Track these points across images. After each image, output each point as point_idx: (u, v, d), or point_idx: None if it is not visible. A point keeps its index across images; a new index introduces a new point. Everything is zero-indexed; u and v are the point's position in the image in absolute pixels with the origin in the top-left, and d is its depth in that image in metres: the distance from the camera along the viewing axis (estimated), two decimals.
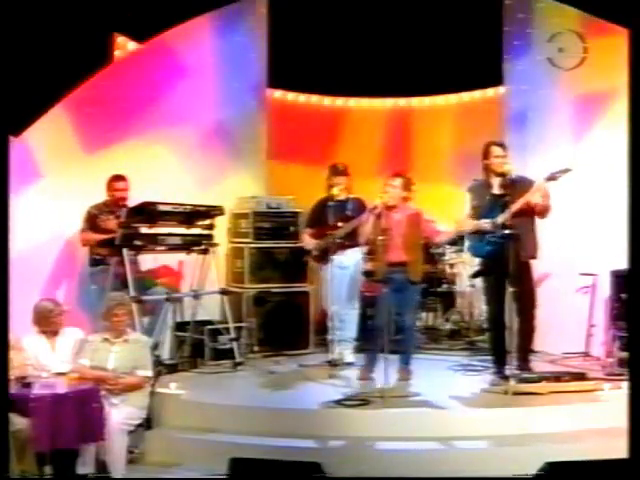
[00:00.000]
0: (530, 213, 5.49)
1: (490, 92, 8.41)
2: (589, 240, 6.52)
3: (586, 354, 6.50)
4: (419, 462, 4.63)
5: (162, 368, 5.74)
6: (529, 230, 5.52)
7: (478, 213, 5.61)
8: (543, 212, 5.51)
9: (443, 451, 4.70)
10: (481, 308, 7.55)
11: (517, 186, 5.46)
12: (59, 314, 5.20)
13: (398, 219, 5.73)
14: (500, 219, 5.42)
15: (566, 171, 5.37)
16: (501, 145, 5.69)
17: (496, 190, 5.58)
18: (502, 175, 5.52)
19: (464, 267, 7.72)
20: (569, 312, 6.60)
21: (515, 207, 5.37)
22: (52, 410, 4.51)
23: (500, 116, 7.62)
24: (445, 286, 7.79)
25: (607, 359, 6.11)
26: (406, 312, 5.77)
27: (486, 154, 5.67)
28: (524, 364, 5.55)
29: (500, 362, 5.63)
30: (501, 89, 7.86)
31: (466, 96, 8.62)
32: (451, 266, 7.81)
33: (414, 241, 5.73)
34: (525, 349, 5.61)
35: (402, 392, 5.30)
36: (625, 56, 5.08)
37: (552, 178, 5.39)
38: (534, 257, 5.59)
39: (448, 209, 7.70)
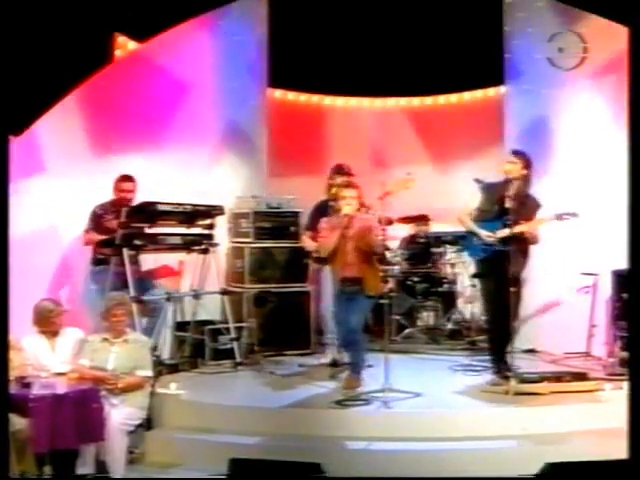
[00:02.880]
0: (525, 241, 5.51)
1: (491, 92, 8.39)
2: (590, 240, 6.49)
3: (587, 354, 6.48)
4: (420, 463, 4.61)
5: (162, 368, 5.73)
6: (522, 250, 5.53)
7: (482, 217, 5.61)
8: (533, 242, 5.56)
9: (444, 452, 4.67)
10: (482, 308, 7.55)
11: (526, 205, 5.51)
12: (59, 314, 5.20)
13: (351, 231, 5.47)
14: (499, 235, 5.46)
15: (574, 215, 5.43)
16: (515, 153, 5.68)
17: (507, 203, 5.54)
18: (509, 181, 5.55)
19: (465, 267, 7.70)
20: (570, 312, 6.59)
21: (517, 230, 5.42)
22: (52, 410, 4.49)
23: (501, 116, 7.62)
24: (446, 286, 7.78)
25: (608, 359, 6.09)
26: (352, 317, 5.46)
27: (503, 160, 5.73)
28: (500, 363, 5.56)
29: (499, 362, 5.61)
30: (502, 89, 7.85)
31: (467, 95, 8.60)
32: (452, 266, 7.80)
33: (367, 254, 5.46)
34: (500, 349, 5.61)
35: (403, 392, 5.26)
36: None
37: (559, 218, 5.45)
38: (519, 274, 5.58)
39: (446, 207, 7.72)
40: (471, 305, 7.67)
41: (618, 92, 6.33)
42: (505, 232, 5.43)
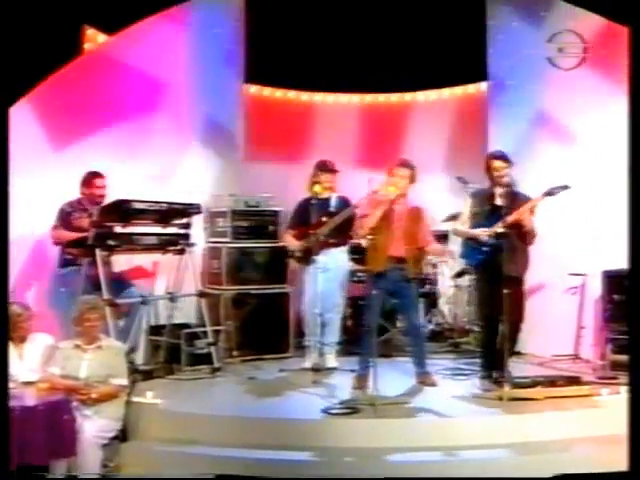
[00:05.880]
0: (520, 232, 5.34)
1: (471, 88, 8.22)
2: (578, 240, 6.38)
3: (575, 356, 6.36)
4: (414, 473, 4.40)
5: (137, 375, 5.44)
6: (522, 247, 5.38)
7: (476, 220, 5.47)
8: (530, 235, 5.37)
9: (438, 462, 4.47)
10: (465, 309, 7.41)
11: (517, 200, 5.38)
12: (27, 319, 4.93)
13: (400, 211, 5.47)
14: (495, 228, 5.31)
15: (565, 187, 5.28)
16: (501, 157, 5.50)
17: (498, 201, 5.46)
18: (505, 186, 5.40)
19: (447, 267, 7.55)
20: (556, 313, 6.47)
21: (511, 218, 5.26)
22: (20, 423, 4.22)
23: (483, 112, 7.47)
24: (428, 287, 7.60)
25: (598, 361, 5.97)
26: (410, 312, 5.62)
27: (487, 167, 5.53)
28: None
29: (490, 366, 5.44)
30: (483, 85, 7.71)
31: (446, 92, 8.43)
32: (434, 266, 7.63)
33: (414, 236, 5.48)
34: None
35: (393, 399, 5.06)
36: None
37: (550, 193, 5.29)
38: (522, 274, 5.46)
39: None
40: (453, 306, 7.53)
41: (612, 88, 6.21)
42: (500, 225, 5.27)
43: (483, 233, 5.33)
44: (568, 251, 6.44)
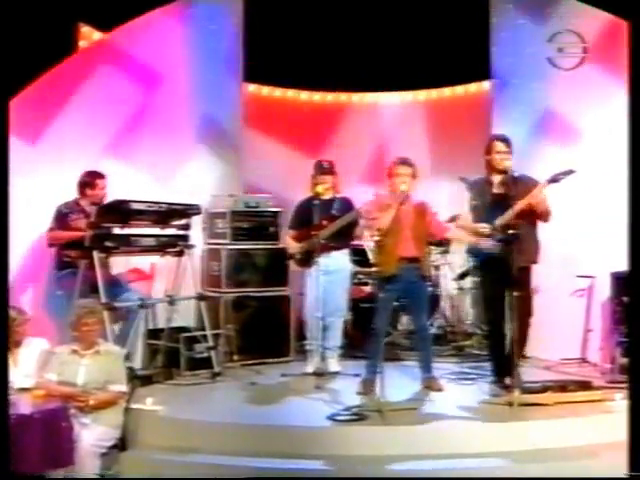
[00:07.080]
0: (531, 217, 5.18)
1: (473, 87, 8.11)
2: (585, 241, 6.26)
3: (583, 360, 6.24)
4: None
5: (136, 381, 5.28)
6: (529, 234, 5.22)
7: (478, 214, 5.29)
8: (545, 216, 5.21)
9: (447, 470, 4.33)
10: (468, 311, 7.29)
11: (519, 185, 5.18)
12: (22, 323, 4.80)
13: (406, 210, 5.30)
14: (499, 221, 5.13)
15: (569, 173, 5.11)
16: (504, 140, 5.35)
17: (497, 189, 5.29)
18: (503, 172, 5.23)
19: (450, 269, 7.44)
20: (563, 315, 6.34)
21: (515, 210, 5.08)
22: (15, 432, 4.05)
23: (485, 112, 7.36)
24: (430, 289, 7.47)
25: (606, 365, 5.85)
26: (421, 312, 5.47)
27: (488, 149, 5.36)
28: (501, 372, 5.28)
29: (500, 371, 5.31)
30: (485, 84, 7.60)
31: (448, 91, 8.32)
32: (436, 268, 7.51)
33: (423, 233, 5.36)
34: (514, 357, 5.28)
35: (400, 405, 4.93)
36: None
37: (554, 180, 5.12)
38: (534, 262, 5.31)
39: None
40: (456, 308, 7.41)
41: (615, 85, 6.11)
42: (505, 218, 5.09)
43: (484, 229, 5.14)
44: (575, 253, 6.32)
